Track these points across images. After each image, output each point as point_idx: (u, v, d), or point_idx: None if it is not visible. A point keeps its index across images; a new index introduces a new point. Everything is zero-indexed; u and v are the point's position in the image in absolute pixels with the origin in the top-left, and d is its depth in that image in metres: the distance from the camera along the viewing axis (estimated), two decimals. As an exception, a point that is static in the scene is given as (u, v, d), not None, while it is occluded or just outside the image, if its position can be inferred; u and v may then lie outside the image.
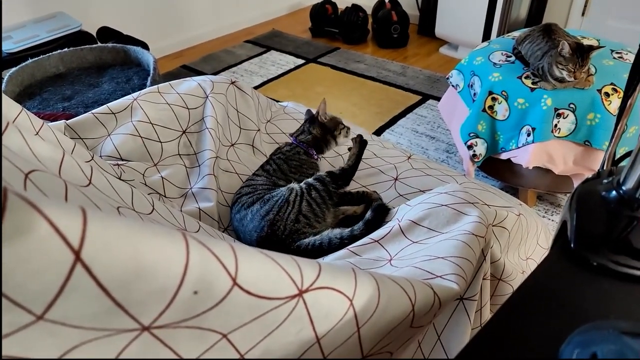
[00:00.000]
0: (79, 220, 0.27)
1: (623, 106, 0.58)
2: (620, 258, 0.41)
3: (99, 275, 0.28)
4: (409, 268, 0.64)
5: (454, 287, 0.59)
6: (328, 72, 2.78)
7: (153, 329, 0.32)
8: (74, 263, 0.27)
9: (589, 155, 1.41)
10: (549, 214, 1.66)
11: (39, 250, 0.25)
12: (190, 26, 3.12)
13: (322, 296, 0.41)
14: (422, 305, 0.53)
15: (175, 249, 0.32)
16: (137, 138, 1.01)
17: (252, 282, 0.36)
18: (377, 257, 0.72)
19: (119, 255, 0.29)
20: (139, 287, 0.30)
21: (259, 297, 0.36)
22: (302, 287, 0.39)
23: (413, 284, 0.53)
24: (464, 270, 0.62)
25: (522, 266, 0.85)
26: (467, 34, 2.72)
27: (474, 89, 1.57)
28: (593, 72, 1.38)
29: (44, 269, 0.26)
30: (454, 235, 0.68)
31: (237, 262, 0.35)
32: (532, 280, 0.41)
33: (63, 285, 0.27)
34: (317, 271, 0.41)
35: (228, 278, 0.34)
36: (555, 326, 0.35)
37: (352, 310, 0.43)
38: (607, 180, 0.49)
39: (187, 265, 0.32)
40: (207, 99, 1.12)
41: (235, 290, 0.35)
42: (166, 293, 0.31)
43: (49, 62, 1.82)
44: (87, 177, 0.60)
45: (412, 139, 2.11)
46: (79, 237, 0.27)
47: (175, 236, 0.32)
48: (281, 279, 0.38)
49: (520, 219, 0.83)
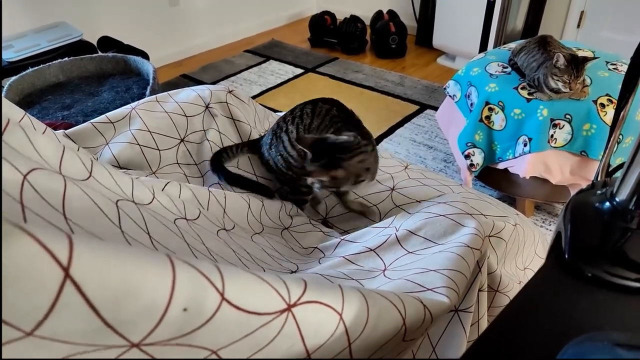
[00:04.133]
0: (66, 242, 0.28)
1: (616, 117, 0.58)
2: (614, 269, 0.41)
3: (89, 294, 0.28)
4: (401, 280, 0.64)
5: (444, 301, 0.58)
6: (327, 81, 2.80)
7: (143, 345, 0.32)
8: (63, 281, 0.27)
9: (586, 166, 1.41)
10: (546, 223, 1.66)
11: (29, 269, 0.26)
12: (190, 36, 3.15)
13: (311, 310, 0.41)
14: (413, 320, 0.52)
15: (162, 270, 0.32)
16: (136, 146, 1.02)
17: (241, 297, 0.36)
18: (372, 268, 0.71)
19: (107, 275, 0.29)
20: (128, 306, 0.30)
21: (248, 313, 0.36)
22: (290, 301, 0.39)
23: (402, 298, 0.53)
24: (455, 283, 0.62)
25: (519, 276, 0.85)
26: (464, 45, 2.74)
27: (471, 99, 1.59)
28: (588, 83, 1.39)
29: (34, 289, 0.26)
30: (449, 248, 0.68)
31: (224, 278, 0.35)
32: (527, 291, 0.41)
33: (53, 303, 0.27)
34: (302, 286, 0.42)
35: (216, 294, 0.34)
36: (549, 337, 0.36)
37: (342, 324, 0.43)
38: (601, 192, 0.50)
39: (175, 282, 0.32)
40: (207, 109, 1.13)
41: (224, 305, 0.35)
42: (155, 311, 0.31)
43: (50, 71, 1.83)
44: (88, 170, 0.60)
45: (410, 149, 2.11)
46: (67, 257, 0.28)
47: (160, 258, 0.33)
48: (269, 294, 0.38)
49: (516, 229, 0.83)
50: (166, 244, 0.57)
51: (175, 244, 0.59)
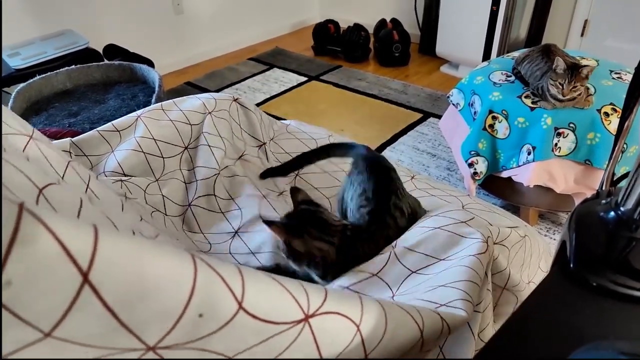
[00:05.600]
0: (91, 239, 0.28)
1: (621, 126, 0.58)
2: (619, 278, 0.41)
3: (106, 297, 0.28)
4: (413, 302, 0.62)
5: (460, 314, 0.58)
6: (330, 89, 2.81)
7: (158, 349, 0.32)
8: (82, 284, 0.27)
9: (590, 175, 1.41)
10: (550, 232, 1.65)
11: (48, 270, 0.26)
12: (195, 44, 3.18)
13: (328, 321, 0.41)
14: (430, 331, 0.52)
15: (183, 271, 0.32)
16: (140, 154, 1.03)
17: (258, 306, 0.36)
18: (379, 298, 0.70)
19: (125, 276, 0.29)
20: (145, 308, 0.30)
21: (264, 322, 0.36)
22: (308, 311, 0.40)
23: (419, 310, 0.52)
24: (469, 294, 0.61)
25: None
26: (467, 54, 2.75)
27: (475, 107, 1.59)
28: (592, 92, 1.40)
29: (51, 290, 0.26)
30: (456, 262, 0.67)
31: (244, 285, 0.35)
32: (532, 300, 0.41)
33: (70, 305, 0.27)
34: (323, 296, 0.42)
35: (234, 302, 0.34)
36: (554, 347, 0.35)
37: (359, 336, 0.43)
38: (605, 201, 0.50)
39: (194, 288, 0.32)
40: (208, 115, 1.14)
41: (240, 314, 0.35)
42: (171, 315, 0.31)
43: (57, 79, 1.85)
44: (85, 181, 0.60)
45: (413, 157, 2.12)
46: (89, 259, 0.27)
47: (184, 257, 0.33)
48: (288, 303, 0.38)
49: (525, 240, 0.82)
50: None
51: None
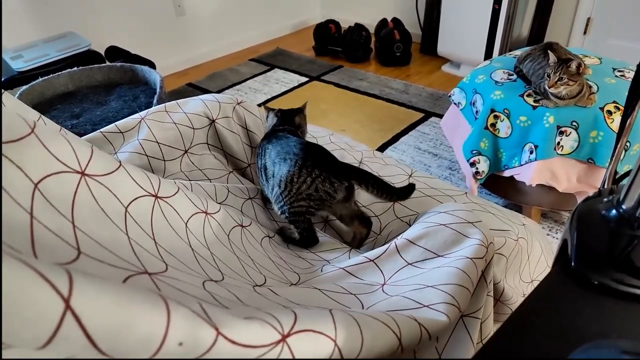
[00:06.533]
0: (66, 277, 0.30)
1: (623, 124, 0.58)
2: (621, 277, 0.41)
3: (88, 326, 0.30)
4: (398, 297, 0.63)
5: (441, 319, 0.58)
6: (331, 89, 2.81)
7: None
8: (64, 312, 0.29)
9: (593, 173, 1.41)
10: (553, 231, 1.65)
11: (31, 300, 0.27)
12: (196, 45, 3.18)
13: (305, 339, 0.42)
14: (408, 338, 0.53)
15: (157, 309, 0.34)
16: (143, 156, 1.03)
17: (236, 332, 0.38)
18: (372, 281, 0.71)
19: (105, 309, 0.31)
20: (125, 339, 0.31)
21: (244, 347, 0.38)
22: (283, 332, 0.41)
23: (395, 318, 0.53)
24: (455, 298, 0.61)
25: (523, 289, 0.84)
26: (469, 53, 2.75)
27: (476, 106, 1.59)
28: (595, 90, 1.39)
29: (35, 319, 0.28)
30: (450, 262, 0.67)
31: (216, 315, 0.37)
32: (533, 298, 0.41)
33: (54, 334, 0.28)
34: (293, 317, 0.43)
35: (212, 329, 0.36)
36: (556, 345, 0.35)
37: (337, 350, 0.44)
38: (607, 199, 0.50)
39: (169, 318, 0.34)
40: (214, 123, 1.14)
41: (220, 340, 0.36)
42: (152, 344, 0.32)
43: (59, 81, 1.86)
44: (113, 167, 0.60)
45: (414, 156, 2.11)
46: (68, 290, 0.29)
47: (154, 299, 0.34)
48: (263, 327, 0.40)
49: (519, 243, 0.82)
50: (171, 249, 0.58)
51: (180, 250, 0.60)
